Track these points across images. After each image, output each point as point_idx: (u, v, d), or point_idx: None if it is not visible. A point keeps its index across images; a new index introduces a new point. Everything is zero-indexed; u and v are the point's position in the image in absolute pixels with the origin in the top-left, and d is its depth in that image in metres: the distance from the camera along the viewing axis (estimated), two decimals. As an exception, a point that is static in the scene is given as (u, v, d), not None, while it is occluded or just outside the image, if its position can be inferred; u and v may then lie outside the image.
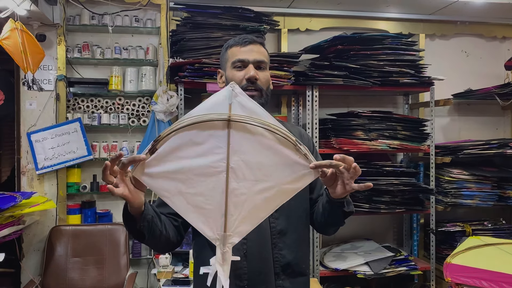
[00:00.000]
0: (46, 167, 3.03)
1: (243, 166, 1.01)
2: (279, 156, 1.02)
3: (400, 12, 3.62)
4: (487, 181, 3.40)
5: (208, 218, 1.03)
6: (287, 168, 1.03)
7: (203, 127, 0.99)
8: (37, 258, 3.06)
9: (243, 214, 1.03)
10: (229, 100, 0.99)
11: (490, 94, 3.45)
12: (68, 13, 3.13)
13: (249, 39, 1.43)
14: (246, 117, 0.99)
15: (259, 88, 1.40)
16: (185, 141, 1.00)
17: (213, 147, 1.00)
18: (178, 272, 2.82)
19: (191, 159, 1.01)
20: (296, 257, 1.42)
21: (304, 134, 1.57)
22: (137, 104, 3.20)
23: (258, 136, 1.01)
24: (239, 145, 1.00)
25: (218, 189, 1.01)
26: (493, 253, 2.42)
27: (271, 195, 1.03)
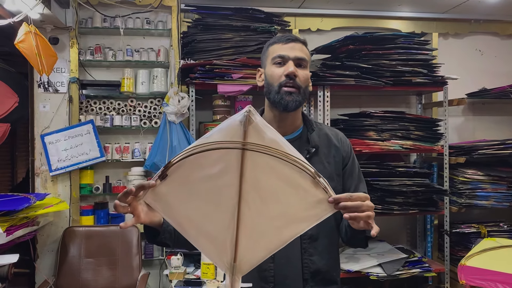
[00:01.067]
0: (60, 169, 3.06)
1: (256, 196, 0.96)
2: (295, 188, 0.96)
3: (413, 11, 3.58)
4: (502, 182, 3.34)
5: (217, 247, 0.99)
6: (303, 200, 0.97)
7: (216, 154, 0.94)
8: (51, 258, 3.10)
9: (254, 245, 0.98)
10: (244, 127, 0.92)
11: (505, 93, 3.39)
12: (80, 16, 3.16)
13: (291, 37, 1.41)
14: (261, 146, 0.93)
15: (298, 86, 1.36)
16: (196, 168, 0.95)
17: (225, 175, 0.95)
18: (190, 273, 2.82)
19: (202, 186, 0.97)
20: (327, 264, 1.39)
21: (343, 138, 1.51)
22: (149, 105, 3.22)
23: (273, 165, 0.94)
24: (253, 173, 0.94)
25: (228, 217, 0.96)
26: (509, 255, 2.37)
27: (284, 227, 0.98)
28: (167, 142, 3.01)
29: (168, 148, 3.00)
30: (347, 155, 1.48)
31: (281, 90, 1.35)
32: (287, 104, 1.35)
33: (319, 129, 1.47)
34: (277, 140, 0.94)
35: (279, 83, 1.36)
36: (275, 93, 1.37)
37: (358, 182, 1.48)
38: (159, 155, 3.02)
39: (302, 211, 0.98)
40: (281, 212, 0.98)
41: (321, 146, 1.44)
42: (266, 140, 0.93)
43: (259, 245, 0.99)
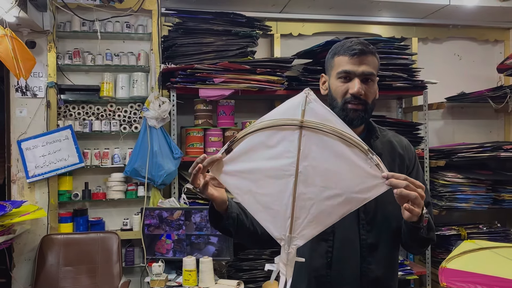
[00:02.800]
0: (37, 175, 2.99)
1: (312, 172, 1.03)
2: (350, 165, 1.02)
3: (393, 16, 3.62)
4: (481, 184, 3.39)
5: (275, 218, 1.05)
6: (357, 177, 1.03)
7: (275, 131, 1.03)
8: (28, 267, 3.02)
9: (309, 219, 1.04)
10: (302, 106, 1.01)
11: (483, 97, 3.45)
12: (58, 20, 3.10)
13: (359, 50, 1.29)
14: (318, 123, 1.01)
15: (363, 103, 1.31)
16: (258, 143, 1.05)
17: (284, 151, 1.03)
18: (171, 280, 2.78)
19: (262, 161, 1.05)
20: (385, 272, 1.36)
21: (407, 145, 1.45)
22: (129, 110, 3.17)
23: (329, 143, 1.02)
24: (309, 151, 1.02)
25: (286, 192, 1.03)
26: (488, 257, 2.40)
27: (338, 202, 1.03)
28: (147, 147, 2.97)
29: (149, 154, 2.96)
30: (411, 163, 1.42)
31: (345, 107, 1.31)
32: (352, 121, 1.31)
33: (382, 135, 1.43)
34: (332, 119, 1.03)
35: (343, 99, 1.31)
36: (339, 109, 1.32)
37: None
38: (140, 161, 2.98)
39: (355, 187, 1.03)
40: (336, 187, 1.03)
41: (385, 154, 1.38)
42: (322, 119, 1.02)
43: (314, 219, 1.04)
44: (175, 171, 3.00)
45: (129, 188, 3.14)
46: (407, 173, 1.40)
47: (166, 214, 2.83)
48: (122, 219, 3.16)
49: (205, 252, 2.79)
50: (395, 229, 1.36)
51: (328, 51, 3.21)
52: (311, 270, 1.34)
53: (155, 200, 3.05)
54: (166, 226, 2.84)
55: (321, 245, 1.33)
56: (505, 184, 3.46)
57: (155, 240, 2.85)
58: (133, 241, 3.17)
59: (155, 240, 2.85)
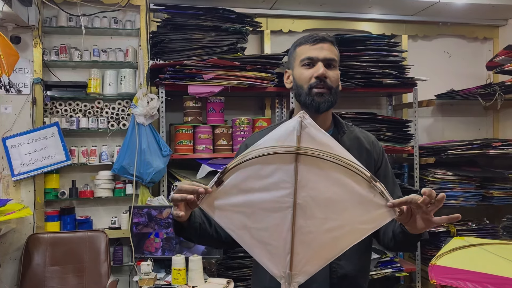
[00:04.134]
0: (23, 173, 2.93)
1: (311, 203, 0.95)
2: (351, 193, 0.95)
3: (383, 13, 3.62)
4: (470, 181, 3.41)
5: (273, 255, 0.98)
6: (360, 206, 0.95)
7: (270, 160, 0.94)
8: (13, 267, 2.96)
9: (310, 254, 0.97)
10: (297, 132, 0.93)
11: (472, 95, 3.46)
12: (44, 15, 3.04)
13: (319, 37, 1.35)
14: (315, 150, 0.93)
15: (329, 86, 1.33)
16: (251, 174, 0.96)
17: (280, 181, 0.95)
18: (160, 279, 2.75)
19: (257, 193, 0.97)
20: (355, 269, 1.36)
21: (374, 141, 1.47)
22: (117, 107, 3.13)
23: (328, 170, 0.94)
24: (308, 180, 0.94)
25: (284, 225, 0.96)
26: (477, 253, 2.41)
27: (341, 234, 0.96)
28: (136, 145, 2.93)
29: (137, 151, 2.92)
30: (379, 158, 1.45)
31: (311, 92, 1.33)
32: (319, 106, 1.32)
33: (350, 131, 1.44)
34: (331, 145, 0.94)
35: (309, 84, 1.33)
36: (305, 95, 1.34)
37: (393, 186, 1.45)
38: (128, 158, 2.94)
39: (359, 218, 0.96)
40: (338, 219, 0.96)
41: (352, 150, 1.36)
42: (319, 144, 0.93)
43: (316, 253, 0.97)
44: (164, 169, 2.97)
45: (117, 186, 3.10)
46: (376, 169, 1.43)
47: (155, 213, 2.80)
48: (110, 217, 3.12)
49: (194, 250, 2.76)
50: None
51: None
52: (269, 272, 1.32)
53: (144, 198, 3.01)
54: (155, 225, 2.80)
55: None
56: (493, 181, 3.48)
57: (144, 238, 2.82)
58: (121, 240, 3.13)
59: (144, 239, 2.82)
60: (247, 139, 1.49)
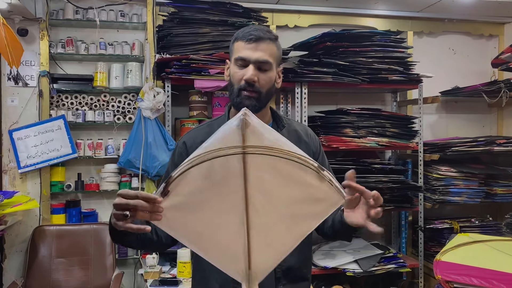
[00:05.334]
0: (29, 166, 2.95)
1: (263, 200, 0.94)
2: (301, 185, 0.95)
3: (389, 9, 3.61)
4: (474, 178, 3.41)
5: (230, 256, 0.97)
6: (310, 196, 0.96)
7: (217, 163, 0.91)
8: (19, 259, 2.98)
9: (267, 250, 0.97)
10: (242, 130, 0.89)
11: (477, 92, 3.46)
12: (51, 7, 3.04)
13: (256, 35, 1.29)
14: (261, 147, 0.90)
15: (257, 91, 1.30)
16: (199, 179, 0.93)
17: (230, 183, 0.92)
18: (165, 272, 2.77)
19: (207, 197, 0.94)
20: (298, 261, 1.38)
21: (312, 134, 1.50)
22: (123, 100, 3.13)
23: (276, 165, 0.92)
24: (257, 178, 0.92)
25: (238, 224, 0.94)
26: (482, 250, 2.42)
27: (294, 226, 0.97)
28: (142, 138, 2.93)
29: (143, 145, 2.93)
30: (316, 150, 1.47)
31: (240, 94, 1.31)
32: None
33: (288, 125, 1.45)
34: (277, 139, 0.93)
35: (239, 86, 1.31)
36: (235, 96, 1.32)
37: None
38: (134, 152, 2.95)
39: (310, 207, 0.96)
40: (290, 211, 0.96)
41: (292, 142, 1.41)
42: (265, 141, 0.91)
43: (272, 248, 0.97)
44: (169, 163, 2.97)
45: (123, 180, 3.11)
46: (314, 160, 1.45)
47: (161, 206, 2.80)
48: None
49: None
50: None
51: (325, 43, 3.21)
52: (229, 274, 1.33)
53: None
54: (160, 218, 2.81)
55: None
56: (497, 178, 3.49)
57: (149, 232, 2.83)
58: (126, 233, 3.14)
59: (149, 232, 2.83)
60: (183, 136, 1.44)
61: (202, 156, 0.91)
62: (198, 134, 1.40)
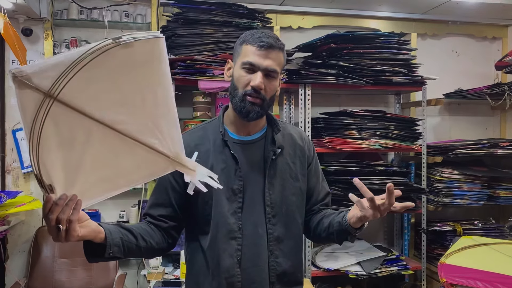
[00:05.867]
0: (32, 166, 2.93)
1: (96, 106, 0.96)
2: (119, 64, 0.94)
3: (392, 11, 3.61)
4: (477, 181, 3.41)
5: (147, 164, 1.04)
6: (126, 67, 0.96)
7: (42, 125, 0.91)
8: (22, 259, 2.98)
9: (145, 130, 1.02)
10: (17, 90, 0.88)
11: (481, 94, 3.46)
12: (55, 7, 3.03)
13: (268, 43, 1.30)
14: (57, 81, 0.87)
15: (263, 98, 1.32)
16: (48, 147, 0.93)
17: (67, 126, 0.94)
18: (168, 273, 2.76)
19: (72, 150, 0.97)
20: (292, 265, 1.40)
21: (306, 137, 1.52)
22: (127, 101, 3.12)
23: (86, 74, 0.90)
24: (82, 94, 0.92)
25: (115, 140, 1.00)
26: (486, 253, 2.42)
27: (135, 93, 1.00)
28: (145, 139, 2.92)
29: (147, 145, 2.92)
30: (310, 154, 1.49)
31: (245, 98, 1.31)
32: (248, 114, 1.31)
33: (283, 128, 1.46)
34: (62, 58, 0.89)
35: (244, 90, 1.31)
36: (238, 100, 1.32)
37: (322, 180, 1.53)
38: (137, 152, 2.94)
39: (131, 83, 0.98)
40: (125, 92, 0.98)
41: (286, 147, 1.43)
42: (53, 74, 0.88)
43: (145, 124, 1.02)
44: (173, 164, 2.97)
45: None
46: (308, 164, 1.48)
47: (164, 207, 2.80)
48: (119, 211, 3.13)
49: (203, 245, 2.77)
50: (299, 220, 1.42)
51: (329, 44, 3.20)
52: (222, 272, 1.33)
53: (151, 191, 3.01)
54: (164, 219, 2.81)
55: (230, 244, 1.33)
56: (500, 181, 3.48)
57: (153, 232, 2.82)
58: (129, 234, 3.14)
59: (153, 233, 2.82)
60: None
61: (29, 134, 0.91)
62: (192, 138, 1.41)
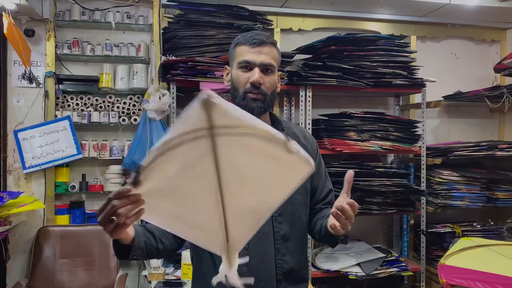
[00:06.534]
0: (34, 166, 2.95)
1: (234, 175, 0.94)
2: (269, 158, 0.94)
3: (392, 13, 3.63)
4: (476, 183, 3.43)
5: (208, 233, 1.00)
6: (279, 168, 0.96)
7: (184, 147, 0.89)
8: (23, 259, 2.98)
9: (242, 221, 0.99)
10: (206, 111, 0.87)
11: (480, 96, 3.48)
12: (58, 8, 3.05)
13: (259, 39, 1.33)
14: (228, 127, 0.89)
15: (263, 93, 1.34)
16: (170, 165, 0.91)
17: (200, 163, 0.92)
18: (169, 274, 2.77)
19: (180, 181, 0.94)
20: (298, 263, 1.41)
21: (309, 136, 1.54)
22: (128, 102, 3.14)
23: (245, 141, 0.92)
24: (227, 155, 0.92)
25: (213, 202, 0.95)
26: (485, 254, 2.43)
27: (266, 197, 0.99)
28: (147, 139, 2.94)
29: (148, 146, 2.93)
30: (314, 152, 1.50)
31: (246, 96, 1.34)
32: (253, 111, 1.33)
33: (287, 128, 1.48)
34: (242, 116, 0.91)
35: (244, 89, 1.34)
36: (240, 99, 1.35)
37: (325, 179, 1.54)
38: (139, 153, 2.95)
39: (280, 179, 0.97)
40: (261, 185, 0.97)
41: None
42: (232, 119, 0.89)
43: (247, 220, 1.00)
44: (174, 165, 2.98)
45: (127, 181, 3.11)
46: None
47: (165, 208, 2.81)
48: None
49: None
50: (304, 218, 1.44)
51: (330, 47, 3.22)
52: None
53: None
54: (165, 220, 2.82)
55: None
56: (499, 183, 3.51)
57: (154, 233, 2.83)
58: (130, 234, 3.14)
59: (154, 233, 2.83)
60: None
61: (169, 142, 0.89)
62: None
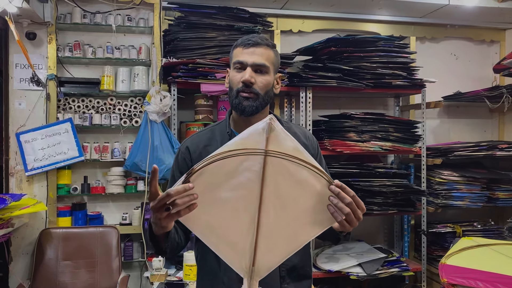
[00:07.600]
0: (36, 168, 2.96)
1: (275, 201, 0.98)
2: (312, 192, 1.00)
3: (392, 14, 3.65)
4: (476, 183, 3.44)
5: (237, 252, 1.01)
6: (318, 204, 1.01)
7: (238, 161, 0.96)
8: (26, 261, 2.99)
9: (272, 248, 1.01)
10: (266, 133, 0.95)
11: (479, 97, 3.50)
12: (59, 11, 3.06)
13: (253, 41, 1.37)
14: (282, 153, 0.96)
15: (255, 92, 1.36)
16: (219, 175, 0.97)
17: (247, 181, 0.97)
18: (171, 275, 2.78)
19: (224, 193, 0.98)
20: (301, 260, 1.42)
21: (310, 136, 1.55)
22: (129, 104, 3.15)
23: (292, 170, 0.97)
24: (273, 180, 0.97)
25: (248, 222, 0.99)
26: (486, 253, 2.44)
27: (301, 229, 1.02)
28: (148, 141, 2.95)
29: (150, 148, 2.95)
30: (315, 152, 1.51)
31: (238, 95, 1.36)
32: (244, 109, 1.36)
33: (288, 127, 1.49)
34: (297, 147, 0.97)
35: (237, 88, 1.37)
36: (233, 98, 1.38)
37: None
38: (140, 155, 2.97)
39: (318, 214, 1.01)
40: (299, 215, 1.00)
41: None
42: (286, 147, 0.96)
43: (277, 248, 1.01)
44: (175, 166, 2.99)
45: (129, 183, 3.13)
46: None
47: (167, 209, 2.82)
48: (121, 213, 3.15)
49: (206, 247, 2.79)
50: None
51: (330, 48, 3.23)
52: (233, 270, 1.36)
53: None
54: (166, 221, 2.82)
55: None
56: (499, 182, 3.52)
57: (156, 234, 2.84)
58: (131, 236, 3.16)
59: (156, 235, 2.84)
60: (185, 141, 1.47)
61: (225, 153, 0.95)
62: (201, 139, 1.45)
